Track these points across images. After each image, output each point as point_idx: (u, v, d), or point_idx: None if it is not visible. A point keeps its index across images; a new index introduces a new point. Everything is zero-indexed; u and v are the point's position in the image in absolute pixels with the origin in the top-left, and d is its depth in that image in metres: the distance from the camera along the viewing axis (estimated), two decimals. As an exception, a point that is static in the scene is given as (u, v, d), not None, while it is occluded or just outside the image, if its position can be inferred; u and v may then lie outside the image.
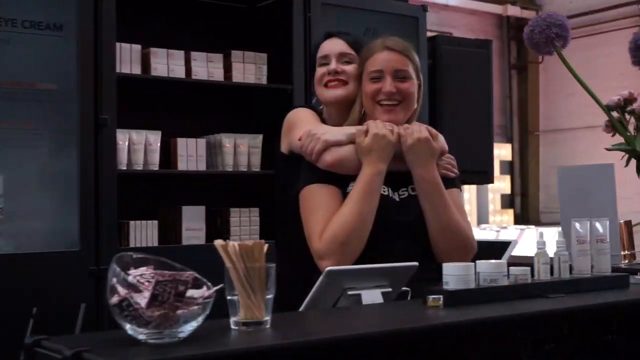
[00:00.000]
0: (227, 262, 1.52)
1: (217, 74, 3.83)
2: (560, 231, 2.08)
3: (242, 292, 1.50)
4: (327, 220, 2.18)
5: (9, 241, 3.22)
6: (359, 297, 1.91)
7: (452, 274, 1.82)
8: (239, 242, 1.51)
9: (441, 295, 1.78)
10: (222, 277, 1.52)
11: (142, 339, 1.39)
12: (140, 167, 3.59)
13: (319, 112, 2.50)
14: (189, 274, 1.37)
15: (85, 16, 3.33)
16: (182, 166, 3.72)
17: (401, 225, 2.24)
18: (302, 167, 2.30)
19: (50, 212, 3.32)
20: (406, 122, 2.33)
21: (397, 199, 2.28)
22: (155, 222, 3.59)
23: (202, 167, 3.78)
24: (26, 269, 3.14)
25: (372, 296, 1.92)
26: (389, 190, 2.27)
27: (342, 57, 2.44)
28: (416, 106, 2.37)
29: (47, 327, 1.82)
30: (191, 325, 1.40)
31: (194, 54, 3.77)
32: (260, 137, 3.89)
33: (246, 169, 3.88)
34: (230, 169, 3.84)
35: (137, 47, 3.60)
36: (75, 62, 3.32)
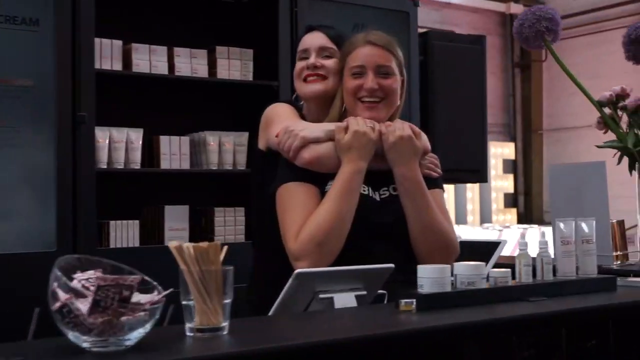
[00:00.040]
0: (181, 265, 1.44)
1: (201, 71, 3.74)
2: (543, 231, 1.98)
3: (197, 297, 1.42)
4: (304, 219, 2.09)
5: (-17, 242, 3.13)
6: (331, 300, 1.82)
7: (426, 277, 1.73)
8: (193, 244, 1.43)
9: (414, 299, 1.68)
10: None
11: (86, 347, 1.30)
12: (121, 166, 3.51)
13: (299, 108, 2.42)
14: (134, 278, 1.28)
15: (62, 10, 3.24)
16: (165, 165, 3.64)
17: (381, 225, 2.15)
18: (280, 165, 2.22)
19: (26, 211, 3.22)
20: (388, 120, 2.25)
21: (378, 199, 2.20)
22: (136, 222, 3.52)
23: (186, 165, 3.69)
24: (0, 271, 3.05)
25: (345, 300, 1.83)
26: (369, 189, 2.19)
27: (322, 52, 2.36)
28: (399, 103, 2.29)
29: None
30: (138, 332, 1.31)
31: (177, 50, 3.69)
32: (245, 134, 3.80)
33: (231, 168, 3.79)
34: (215, 167, 3.75)
35: (118, 43, 3.52)
36: (52, 58, 3.23)
